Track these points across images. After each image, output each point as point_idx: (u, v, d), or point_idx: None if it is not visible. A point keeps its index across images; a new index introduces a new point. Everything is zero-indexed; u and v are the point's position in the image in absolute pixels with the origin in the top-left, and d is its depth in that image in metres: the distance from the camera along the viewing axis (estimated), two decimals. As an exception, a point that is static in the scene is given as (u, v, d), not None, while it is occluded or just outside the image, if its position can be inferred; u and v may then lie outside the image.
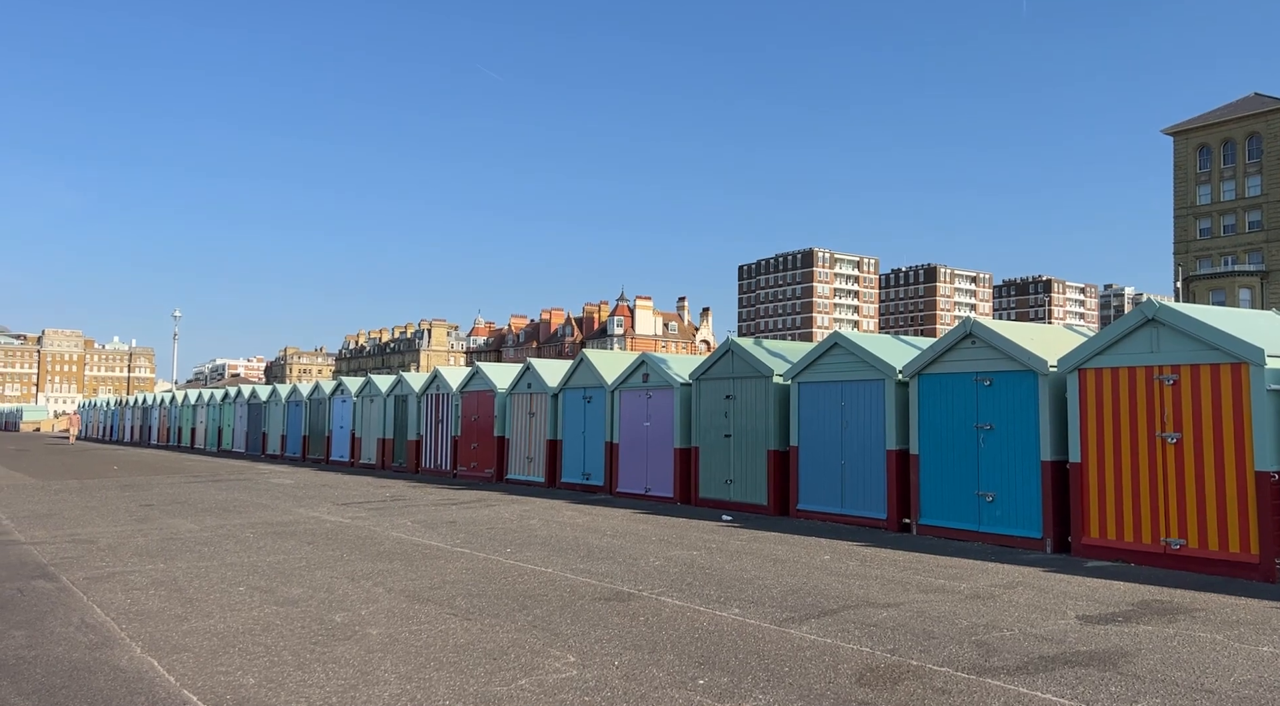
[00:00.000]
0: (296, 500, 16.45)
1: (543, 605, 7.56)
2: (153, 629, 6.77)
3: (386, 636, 6.53)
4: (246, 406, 35.79)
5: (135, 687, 5.38)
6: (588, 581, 8.60)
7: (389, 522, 13.09)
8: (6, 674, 5.66)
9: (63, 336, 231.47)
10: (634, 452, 17.01)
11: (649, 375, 16.84)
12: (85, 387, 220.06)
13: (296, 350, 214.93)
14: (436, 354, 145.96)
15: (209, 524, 12.98)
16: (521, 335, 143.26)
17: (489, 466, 20.97)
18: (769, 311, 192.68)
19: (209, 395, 40.74)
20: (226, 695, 5.22)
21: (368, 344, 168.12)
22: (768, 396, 14.36)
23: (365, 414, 26.86)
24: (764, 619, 7.07)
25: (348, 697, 5.18)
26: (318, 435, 29.68)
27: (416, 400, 24.22)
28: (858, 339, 13.40)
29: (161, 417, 46.75)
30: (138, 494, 17.68)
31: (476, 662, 5.87)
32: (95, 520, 13.49)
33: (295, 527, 12.56)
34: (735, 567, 9.36)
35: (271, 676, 5.58)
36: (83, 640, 6.48)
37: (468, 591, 8.13)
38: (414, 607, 7.47)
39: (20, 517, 13.80)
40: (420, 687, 5.35)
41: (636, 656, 6.02)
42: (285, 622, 6.95)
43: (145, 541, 11.26)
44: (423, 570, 9.21)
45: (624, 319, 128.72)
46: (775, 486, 14.14)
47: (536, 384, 19.75)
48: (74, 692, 5.29)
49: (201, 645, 6.31)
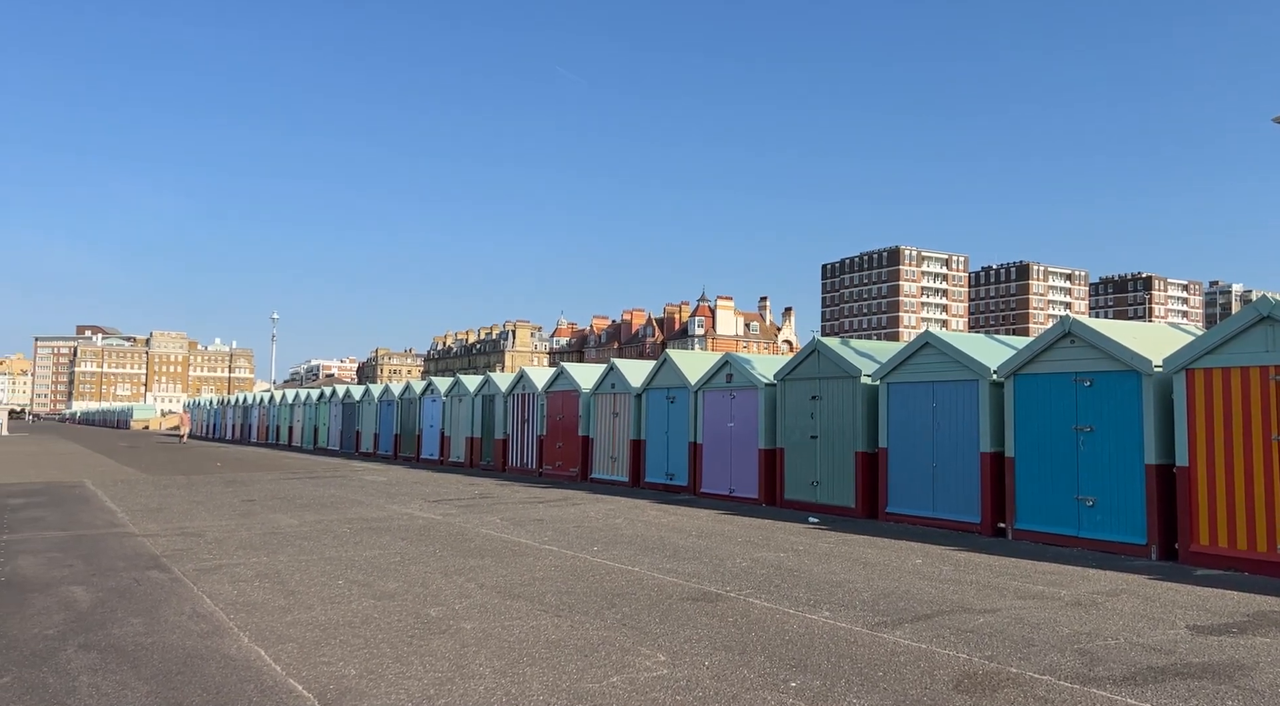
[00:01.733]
0: (390, 497, 16.90)
1: (631, 603, 7.60)
2: (258, 619, 7.04)
3: (480, 631, 6.66)
4: (341, 406, 36.91)
5: (244, 676, 5.60)
6: (675, 581, 8.61)
7: (479, 520, 13.34)
8: (127, 660, 5.96)
9: (169, 338, 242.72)
10: (718, 453, 16.96)
11: (732, 375, 16.77)
12: (189, 387, 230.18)
13: (387, 351, 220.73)
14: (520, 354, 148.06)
15: (308, 519, 13.43)
16: (603, 336, 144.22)
17: (573, 465, 21.18)
18: (853, 311, 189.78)
19: (305, 395, 42.16)
20: (330, 685, 5.40)
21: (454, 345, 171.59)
22: (855, 397, 14.15)
23: (454, 413, 27.43)
24: (855, 622, 6.97)
25: (444, 690, 5.29)
26: (409, 434, 30.43)
27: (503, 400, 24.62)
28: (950, 338, 13.09)
29: (261, 416, 48.61)
30: (240, 490, 18.41)
31: (568, 659, 5.94)
32: (202, 514, 14.10)
33: (389, 523, 12.90)
34: (824, 570, 9.25)
35: (371, 668, 5.74)
36: (195, 628, 6.77)
37: (557, 588, 8.23)
38: (505, 603, 7.60)
39: (133, 511, 14.51)
40: (514, 682, 5.44)
41: (726, 657, 6.00)
42: (382, 616, 7.15)
43: (249, 535, 11.72)
44: (513, 566, 9.35)
45: (705, 319, 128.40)
46: (863, 488, 13.92)
47: (620, 384, 19.86)
48: (188, 679, 5.54)
49: (304, 636, 6.54)
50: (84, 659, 5.94)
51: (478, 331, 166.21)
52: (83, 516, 13.87)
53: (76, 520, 13.38)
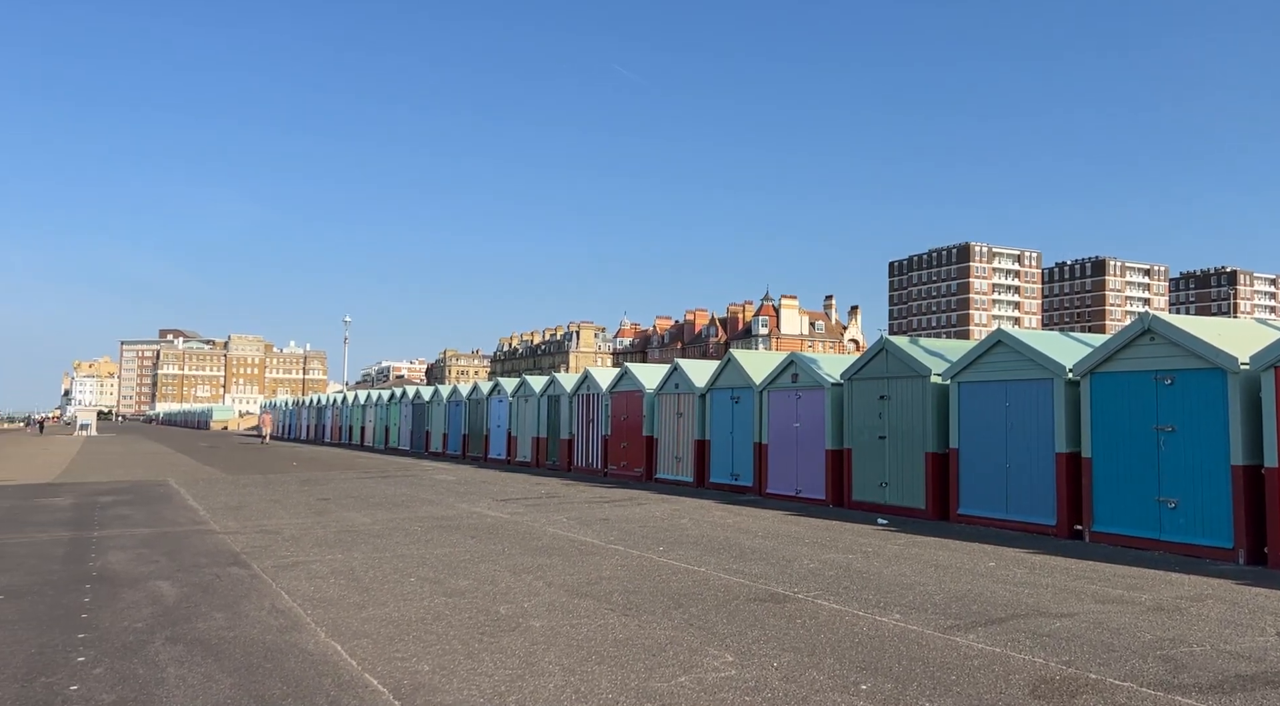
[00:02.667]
0: (459, 496, 17.17)
1: (698, 603, 7.60)
2: (334, 615, 7.23)
3: (549, 629, 6.73)
4: (411, 406, 37.61)
5: (322, 670, 5.75)
6: (741, 581, 8.58)
7: (546, 519, 13.47)
8: (211, 652, 6.17)
9: (246, 341, 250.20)
10: (783, 453, 16.83)
11: (798, 375, 16.63)
12: (265, 389, 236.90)
13: (455, 352, 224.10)
14: (584, 355, 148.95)
15: (380, 517, 13.72)
16: (666, 336, 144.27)
17: (638, 465, 21.24)
18: (922, 309, 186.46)
19: (377, 396, 43.07)
20: (404, 680, 5.51)
21: (520, 346, 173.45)
22: (925, 396, 13.92)
23: (520, 413, 27.73)
24: (927, 625, 6.86)
25: (515, 687, 5.36)
26: (476, 434, 30.86)
27: (568, 400, 24.81)
28: (1023, 336, 12.79)
29: (334, 417, 49.80)
30: (315, 488, 18.89)
31: (636, 658, 5.96)
32: (279, 512, 14.51)
33: (459, 522, 13.10)
34: (894, 572, 9.12)
35: (444, 664, 5.84)
36: (274, 623, 6.98)
37: (624, 587, 8.27)
38: (573, 602, 7.66)
39: (215, 509, 15.00)
40: (583, 680, 5.48)
41: (795, 658, 5.96)
42: (454, 613, 7.27)
43: (324, 533, 12.02)
44: (580, 565, 9.42)
45: (769, 319, 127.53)
46: (934, 489, 13.68)
47: (684, 384, 19.86)
48: (269, 672, 5.71)
49: (379, 632, 6.68)
50: (171, 651, 6.17)
51: (542, 332, 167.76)
52: (167, 514, 14.39)
53: (161, 518, 13.89)
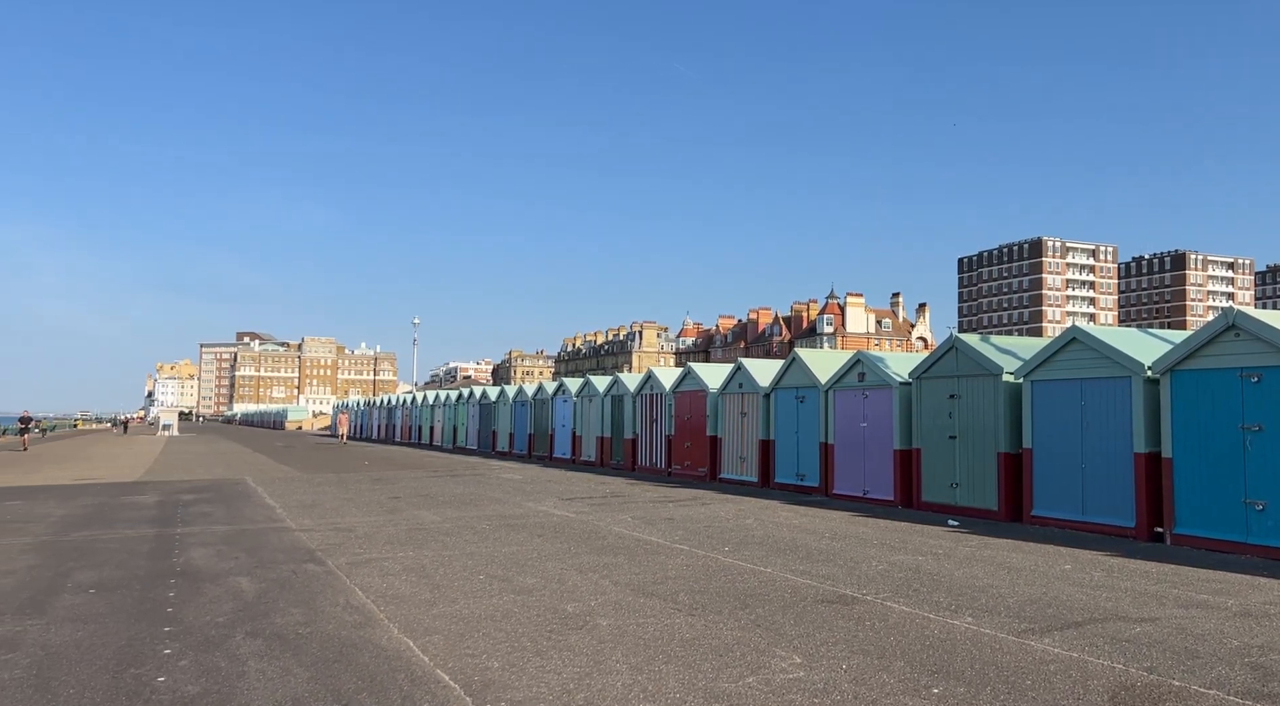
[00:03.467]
0: (525, 495, 17.36)
1: (765, 604, 7.56)
2: (406, 612, 7.37)
3: (616, 627, 6.77)
4: (478, 406, 38.14)
5: (395, 665, 5.87)
6: (808, 583, 8.51)
7: (611, 518, 13.53)
8: (289, 647, 6.35)
9: (319, 343, 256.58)
10: (850, 454, 16.64)
11: (865, 374, 16.42)
12: (338, 390, 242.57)
13: (520, 352, 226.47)
14: (647, 355, 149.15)
15: (449, 515, 13.95)
16: (729, 335, 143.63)
17: (702, 465, 21.21)
18: (992, 305, 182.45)
19: (445, 396, 43.78)
20: (475, 676, 5.60)
21: (583, 346, 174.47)
22: (997, 395, 13.62)
23: (584, 413, 27.91)
24: (1000, 629, 6.72)
25: (583, 685, 5.41)
26: (542, 433, 31.16)
27: (631, 400, 24.88)
28: (1099, 333, 12.44)
29: (403, 417, 50.77)
30: (386, 487, 19.29)
31: (703, 658, 5.96)
32: (352, 511, 14.84)
33: (526, 520, 13.25)
34: (965, 574, 8.95)
35: (513, 661, 5.92)
36: (348, 619, 7.15)
37: (690, 587, 8.26)
38: (639, 601, 7.69)
39: (290, 507, 15.42)
40: (651, 679, 5.50)
41: (864, 661, 5.89)
42: (522, 610, 7.36)
43: (395, 531, 12.27)
44: (645, 565, 9.45)
45: (834, 317, 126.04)
46: (1006, 490, 13.39)
47: (748, 384, 19.76)
48: (344, 667, 5.85)
49: (449, 628, 6.80)
50: (251, 645, 6.37)
51: (605, 332, 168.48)
52: (245, 511, 14.84)
53: (240, 515, 14.32)
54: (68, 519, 13.93)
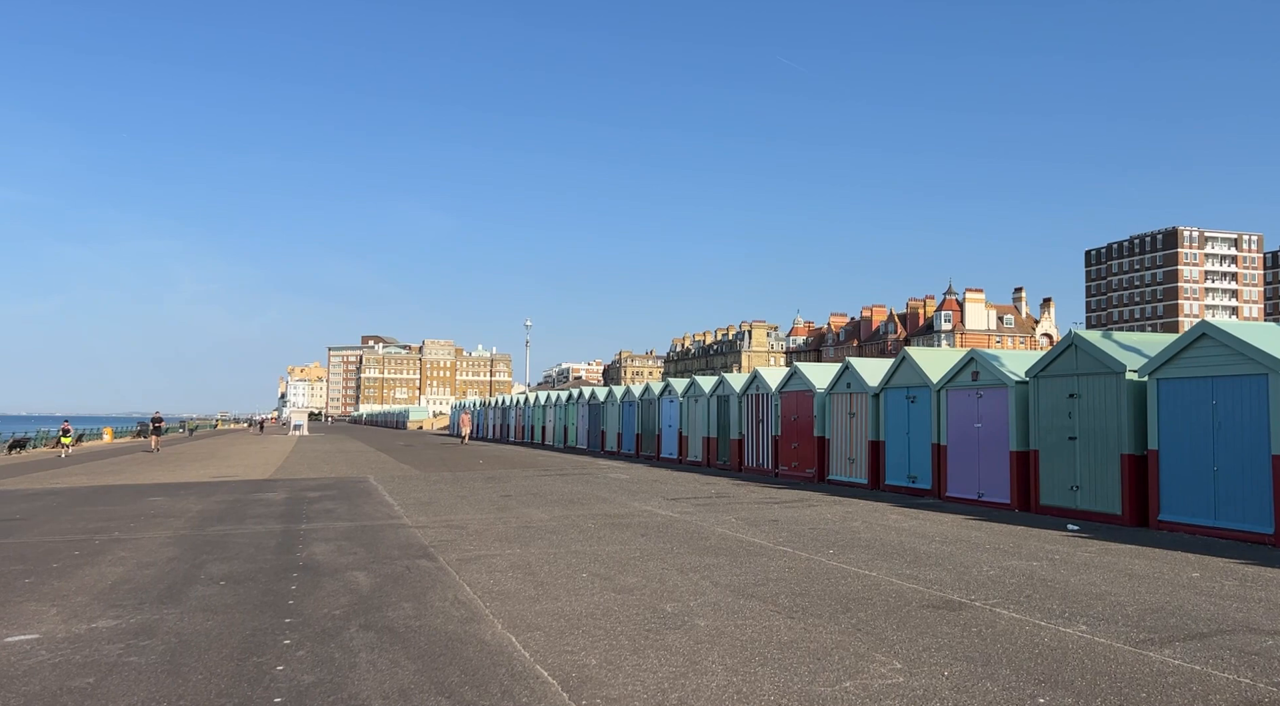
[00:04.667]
0: (631, 494, 17.52)
1: (867, 608, 7.44)
2: (511, 608, 7.57)
3: (713, 628, 6.78)
4: (587, 407, 38.68)
5: (497, 660, 6.04)
6: (914, 587, 8.32)
7: (714, 519, 13.53)
8: (398, 640, 6.61)
9: (438, 346, 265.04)
10: (964, 455, 16.14)
11: (979, 373, 15.90)
12: (456, 390, 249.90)
13: (630, 353, 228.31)
14: (757, 354, 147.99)
15: (557, 514, 14.21)
16: (841, 334, 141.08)
17: (809, 466, 20.94)
18: (1123, 300, 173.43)
19: (556, 396, 44.57)
20: (572, 673, 5.71)
21: (692, 346, 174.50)
22: (1120, 394, 12.98)
23: (690, 413, 27.95)
24: (1116, 638, 6.42)
25: (678, 684, 5.45)
26: (649, 433, 31.36)
27: (737, 400, 24.78)
28: (1232, 328, 11.71)
29: (517, 417, 51.95)
30: (498, 486, 19.79)
31: (800, 661, 5.91)
32: (464, 508, 15.30)
33: (630, 520, 13.38)
34: (1082, 581, 8.58)
35: (610, 659, 6.01)
36: (455, 614, 7.39)
37: (791, 590, 8.20)
38: (739, 602, 7.68)
39: (407, 505, 16.00)
40: (746, 681, 5.50)
41: (968, 668, 5.73)
42: (622, 609, 7.45)
43: (504, 528, 12.58)
44: (747, 566, 9.42)
45: (952, 313, 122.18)
46: (1131, 494, 12.75)
47: (856, 383, 19.40)
48: (449, 660, 6.06)
49: (551, 625, 6.95)
50: (363, 638, 6.66)
51: (714, 332, 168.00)
52: (365, 508, 15.48)
53: (360, 512, 14.96)
54: (204, 514, 14.84)
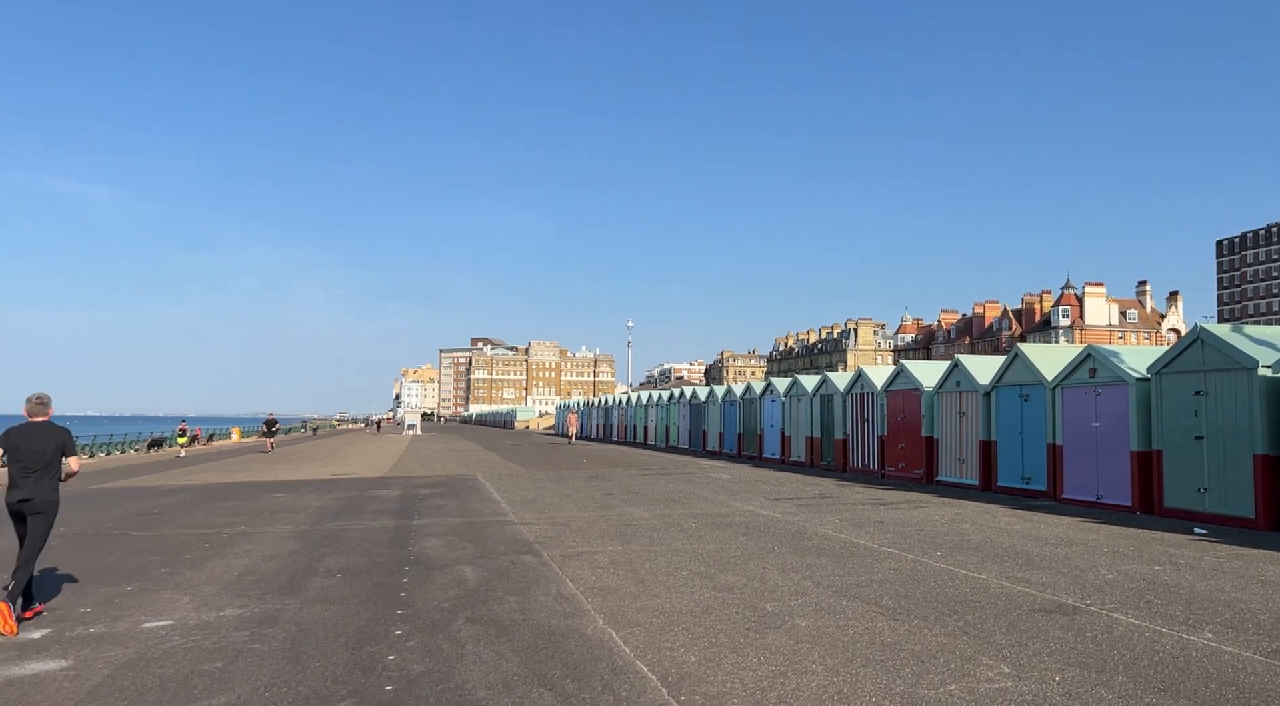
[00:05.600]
0: (732, 494, 17.46)
1: (974, 611, 7.24)
2: (612, 604, 7.67)
3: (814, 629, 6.72)
4: (689, 406, 38.72)
5: (598, 655, 6.14)
6: (1025, 590, 8.04)
7: (817, 519, 13.37)
8: (503, 633, 6.79)
9: (544, 347, 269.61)
10: (1081, 455, 15.49)
11: (1096, 369, 15.24)
12: (561, 391, 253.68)
13: (732, 353, 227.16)
14: (863, 353, 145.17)
15: (658, 512, 14.29)
16: (952, 331, 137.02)
17: (917, 467, 20.45)
18: (1258, 292, 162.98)
19: (657, 396, 44.77)
20: (671, 669, 5.75)
21: (796, 345, 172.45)
22: (1251, 391, 12.25)
23: (793, 413, 27.66)
24: (1245, 647, 6.07)
25: (777, 683, 5.42)
26: (750, 433, 31.17)
27: (841, 399, 24.39)
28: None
29: (619, 416, 52.39)
30: (601, 484, 20.01)
31: (903, 663, 5.81)
32: (568, 506, 15.54)
33: (731, 519, 13.35)
34: (1209, 587, 8.13)
35: (710, 656, 6.02)
36: (558, 609, 7.53)
37: (895, 592, 8.05)
38: (841, 603, 7.58)
39: (513, 502, 16.36)
40: (846, 682, 5.43)
41: (1081, 674, 5.52)
42: (722, 607, 7.46)
43: (606, 526, 12.73)
44: (850, 567, 9.28)
45: (1070, 308, 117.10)
46: (1265, 496, 12.00)
47: (965, 382, 18.85)
48: (551, 654, 6.19)
49: (651, 621, 7.01)
50: (470, 630, 6.86)
51: (819, 331, 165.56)
52: (474, 505, 15.90)
53: (469, 509, 15.37)
54: (323, 510, 15.51)
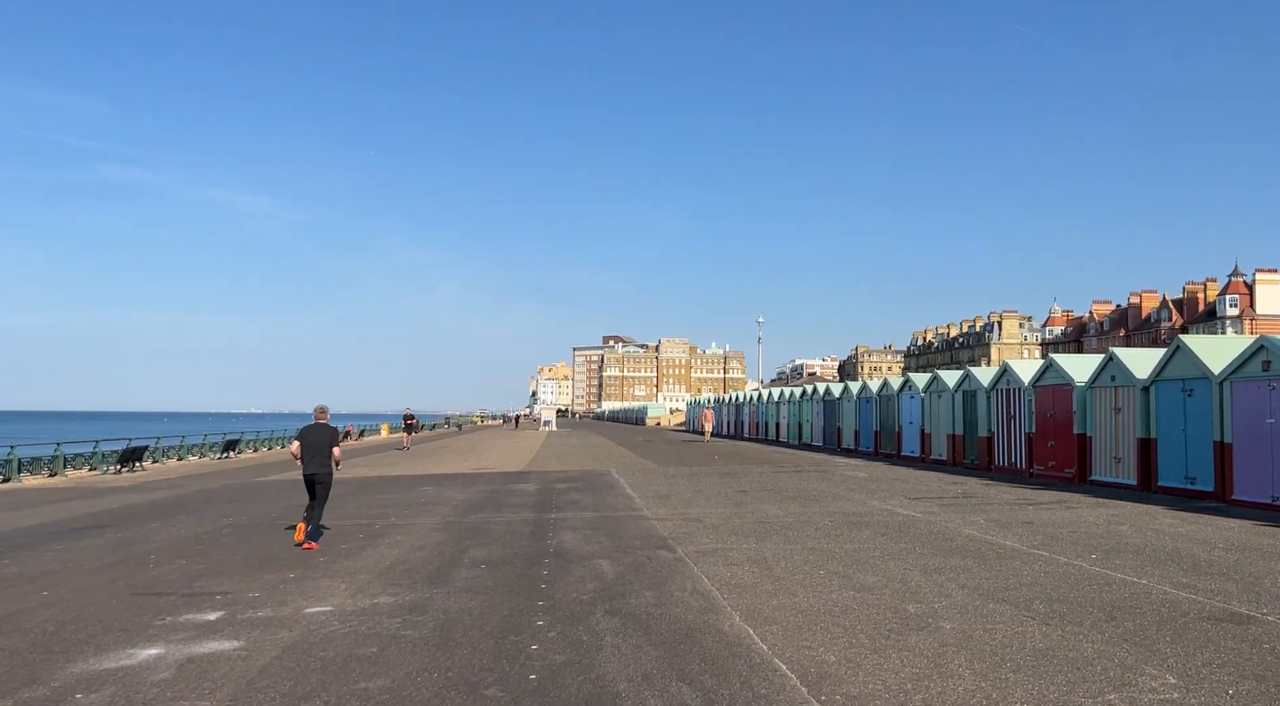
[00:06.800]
0: (869, 492, 17.08)
1: (1135, 618, 6.83)
2: (748, 601, 7.64)
3: (959, 632, 6.50)
4: (822, 403, 38.09)
5: (735, 651, 6.13)
6: (1192, 597, 7.54)
7: (960, 519, 12.92)
8: (640, 626, 6.87)
9: (673, 344, 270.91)
10: (1253, 454, 14.37)
11: (1271, 362, 14.11)
12: (691, 387, 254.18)
13: (866, 348, 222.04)
14: (1008, 347, 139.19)
15: (792, 510, 14.13)
16: (1105, 323, 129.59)
17: (1069, 466, 19.45)
18: None
19: (789, 393, 44.25)
20: (810, 668, 5.69)
21: (935, 339, 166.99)
22: None
23: (933, 410, 26.79)
24: None
25: (921, 686, 5.28)
26: (888, 430, 30.39)
27: (985, 395, 23.47)
28: None
29: (750, 413, 52.08)
30: (733, 481, 19.95)
31: (1057, 670, 5.55)
32: (700, 502, 15.57)
33: (869, 518, 13.06)
34: (1407, 600, 7.41)
35: (849, 656, 5.92)
36: (694, 604, 7.56)
37: (1046, 595, 7.69)
38: (988, 606, 7.30)
39: (647, 497, 16.52)
40: (996, 687, 5.23)
41: (1256, 688, 5.14)
42: (861, 607, 7.31)
43: (740, 523, 12.69)
44: (996, 569, 8.93)
45: (1239, 298, 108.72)
46: None
47: (1121, 376, 17.80)
48: (689, 648, 6.22)
49: (788, 620, 6.94)
50: (609, 622, 6.97)
51: (959, 324, 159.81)
52: (608, 500, 16.14)
53: (604, 503, 15.62)
54: (466, 503, 16.08)
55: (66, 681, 5.70)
